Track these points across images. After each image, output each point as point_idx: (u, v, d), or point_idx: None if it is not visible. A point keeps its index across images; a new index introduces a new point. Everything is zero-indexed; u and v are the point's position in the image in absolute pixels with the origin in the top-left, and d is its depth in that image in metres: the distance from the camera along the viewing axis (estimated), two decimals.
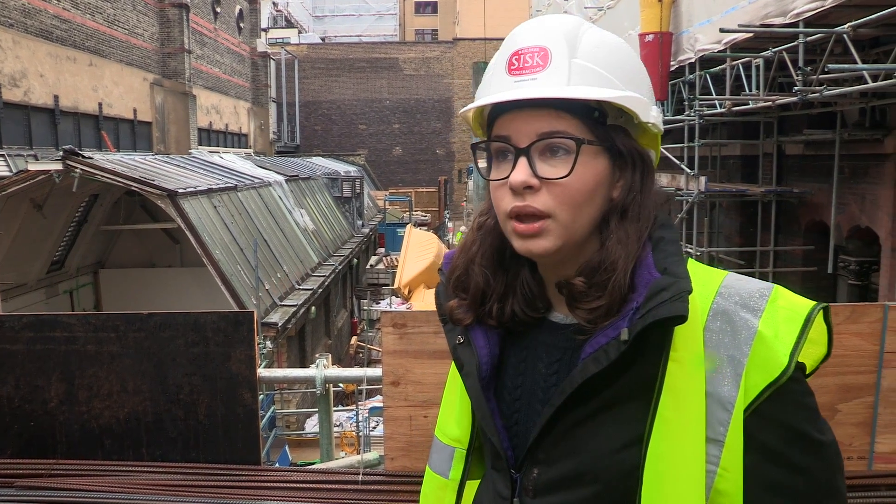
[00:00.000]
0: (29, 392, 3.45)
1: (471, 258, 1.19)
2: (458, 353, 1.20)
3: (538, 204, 1.04)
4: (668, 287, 0.99)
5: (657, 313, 0.97)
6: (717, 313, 1.02)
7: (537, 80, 1.03)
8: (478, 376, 1.15)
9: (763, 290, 1.04)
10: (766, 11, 7.81)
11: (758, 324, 1.00)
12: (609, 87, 1.04)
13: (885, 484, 2.95)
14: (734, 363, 1.00)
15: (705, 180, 10.40)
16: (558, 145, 1.04)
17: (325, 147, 43.21)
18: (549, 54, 1.04)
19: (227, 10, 32.43)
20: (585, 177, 1.04)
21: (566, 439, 1.07)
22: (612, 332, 1.02)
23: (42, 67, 17.26)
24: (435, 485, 1.32)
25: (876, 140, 8.64)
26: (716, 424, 0.99)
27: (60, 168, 11.13)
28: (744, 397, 0.99)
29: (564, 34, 1.05)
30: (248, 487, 3.27)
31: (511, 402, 1.16)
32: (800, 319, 1.00)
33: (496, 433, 1.14)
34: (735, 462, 0.99)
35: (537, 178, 1.04)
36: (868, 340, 2.95)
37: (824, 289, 10.22)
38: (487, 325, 1.17)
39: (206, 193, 13.36)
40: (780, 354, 0.98)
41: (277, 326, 12.21)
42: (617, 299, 1.03)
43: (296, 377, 4.35)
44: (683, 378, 1.00)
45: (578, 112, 1.04)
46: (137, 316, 3.44)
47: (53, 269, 14.05)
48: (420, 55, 44.92)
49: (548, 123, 1.04)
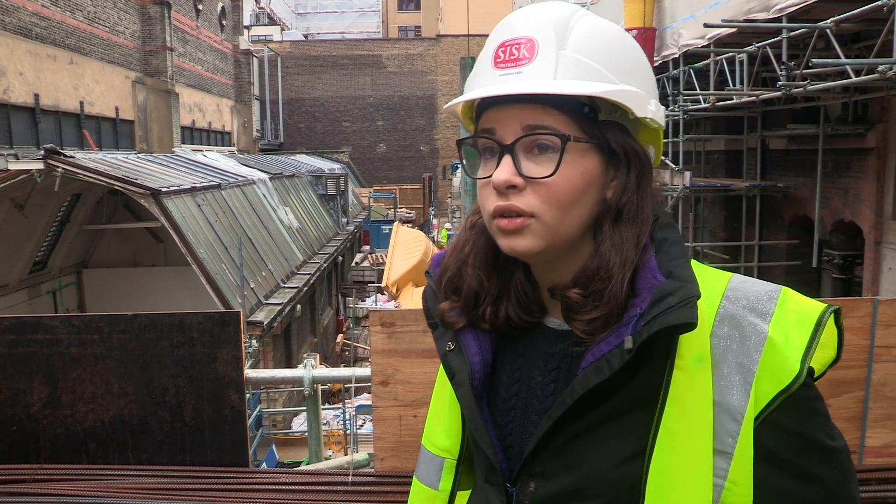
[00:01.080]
0: (10, 396, 3.39)
1: (463, 259, 1.13)
2: (449, 360, 1.14)
3: (522, 204, 0.99)
4: (674, 292, 0.93)
5: (664, 320, 0.92)
6: (724, 318, 0.98)
7: (522, 73, 0.98)
8: (470, 386, 1.09)
9: (771, 293, 0.99)
10: (750, 6, 7.84)
11: (767, 329, 0.95)
12: (601, 80, 0.98)
13: (876, 478, 2.95)
14: (743, 371, 0.95)
15: (690, 175, 10.44)
16: (544, 142, 0.98)
17: (308, 145, 43.04)
18: (536, 46, 0.98)
19: (210, 8, 32.21)
20: (572, 176, 0.99)
21: (565, 452, 1.02)
22: (614, 339, 0.96)
23: (21, 66, 17.06)
24: (423, 497, 1.27)
25: (859, 134, 8.70)
26: (724, 436, 0.94)
27: (42, 167, 10.99)
28: (754, 406, 0.94)
29: (554, 24, 0.99)
30: (237, 490, 3.23)
31: (505, 411, 1.11)
32: (811, 323, 0.96)
33: (491, 445, 1.09)
34: (744, 475, 0.94)
35: (521, 176, 0.99)
36: (858, 335, 2.95)
37: (809, 283, 10.29)
38: (480, 328, 1.12)
39: (189, 192, 13.26)
40: (792, 361, 0.94)
41: (263, 325, 12.15)
42: (615, 309, 0.98)
43: (284, 378, 4.31)
44: (689, 387, 0.95)
45: (567, 107, 0.98)
46: (121, 317, 3.39)
47: (36, 270, 13.90)
48: (403, 52, 44.80)
49: (533, 119, 0.98)
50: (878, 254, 8.41)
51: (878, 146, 8.37)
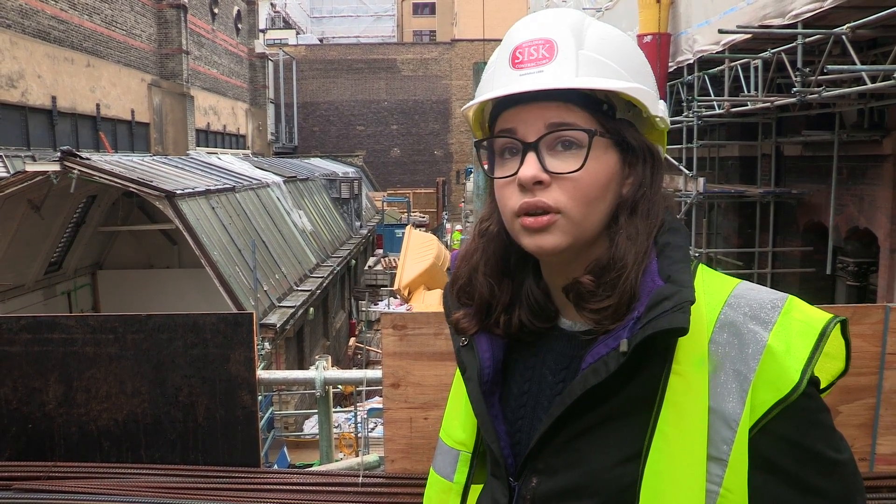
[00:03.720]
0: (26, 394, 3.43)
1: (473, 267, 1.15)
2: (462, 355, 1.17)
3: (548, 199, 1.00)
4: (670, 296, 0.94)
5: (657, 324, 0.93)
6: (724, 325, 0.98)
7: (544, 71, 1.00)
8: (479, 381, 1.12)
9: (776, 301, 0.98)
10: (765, 12, 7.81)
11: (767, 337, 0.95)
12: (619, 78, 1.01)
13: (886, 486, 2.94)
14: (740, 378, 0.94)
15: (704, 181, 10.40)
16: (569, 138, 1.01)
17: (323, 148, 43.18)
18: (556, 46, 1.01)
19: (225, 11, 32.42)
20: (597, 171, 1.01)
21: (566, 450, 1.04)
22: (612, 342, 0.98)
23: (39, 68, 17.24)
24: (439, 488, 1.30)
25: (874, 141, 8.64)
26: (719, 442, 0.94)
27: (58, 169, 11.09)
28: (749, 415, 0.94)
29: (570, 26, 1.02)
30: (248, 490, 3.25)
31: (516, 408, 1.13)
32: (814, 333, 0.95)
33: (496, 440, 1.11)
34: (739, 483, 0.94)
35: (547, 172, 1.00)
36: (869, 342, 2.94)
37: (823, 290, 10.22)
38: (493, 333, 1.14)
39: (203, 194, 13.34)
40: (791, 370, 0.93)
41: (276, 328, 12.19)
42: (626, 299, 1.00)
43: (295, 379, 4.33)
44: (685, 392, 0.95)
45: (587, 105, 1.01)
46: (136, 317, 3.42)
47: (51, 271, 14.01)
48: (418, 56, 44.91)
49: (557, 116, 1.01)
50: (893, 261, 8.34)
51: (893, 153, 8.30)
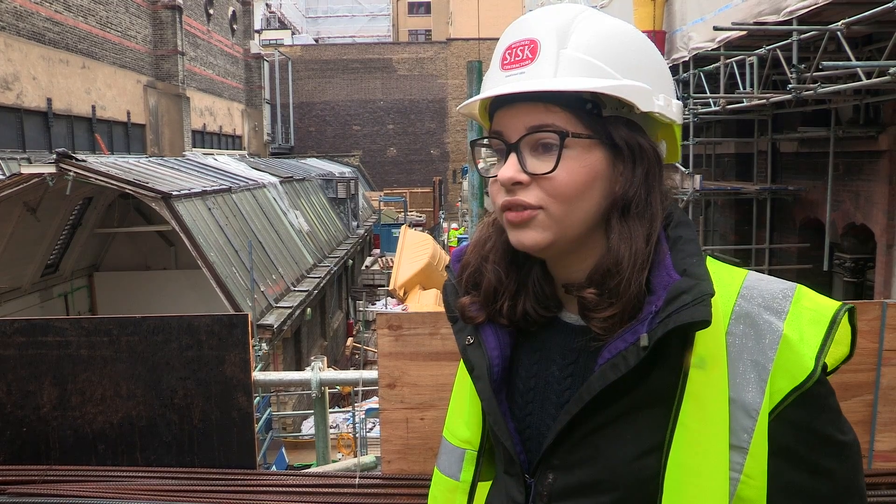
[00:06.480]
0: (21, 397, 3.42)
1: (484, 255, 1.16)
2: (468, 354, 1.16)
3: (528, 198, 1.02)
4: (688, 290, 0.95)
5: (679, 318, 0.93)
6: (739, 316, 1.00)
7: (525, 73, 1.01)
8: (489, 379, 1.12)
9: (786, 291, 1.01)
10: (760, 9, 7.82)
11: (782, 327, 0.98)
12: (602, 77, 1.00)
13: (885, 482, 2.93)
14: (759, 368, 0.97)
15: (700, 178, 10.39)
16: (547, 141, 1.01)
17: (319, 148, 43.16)
18: (539, 46, 1.01)
19: (220, 12, 32.37)
20: (575, 171, 1.01)
21: (583, 446, 1.04)
22: (630, 336, 0.98)
23: (35, 70, 17.20)
24: (444, 487, 1.30)
25: (870, 137, 8.65)
26: (740, 431, 0.97)
27: (54, 171, 11.07)
28: (769, 402, 0.97)
29: (556, 25, 1.02)
30: (244, 492, 3.24)
31: (523, 404, 1.14)
32: (825, 321, 0.98)
33: (509, 438, 1.11)
34: (759, 469, 0.97)
35: (526, 173, 1.02)
36: (867, 338, 2.94)
37: (820, 286, 10.15)
38: (499, 323, 1.14)
39: (200, 195, 13.32)
40: (806, 358, 0.96)
41: (273, 328, 12.18)
42: (630, 304, 1.00)
43: (291, 380, 4.33)
44: (706, 384, 0.97)
45: (570, 105, 1.01)
46: (130, 320, 3.41)
47: (48, 273, 13.98)
48: (414, 56, 44.90)
49: (536, 118, 1.02)
50: (889, 257, 8.35)
51: (889, 149, 8.31)
